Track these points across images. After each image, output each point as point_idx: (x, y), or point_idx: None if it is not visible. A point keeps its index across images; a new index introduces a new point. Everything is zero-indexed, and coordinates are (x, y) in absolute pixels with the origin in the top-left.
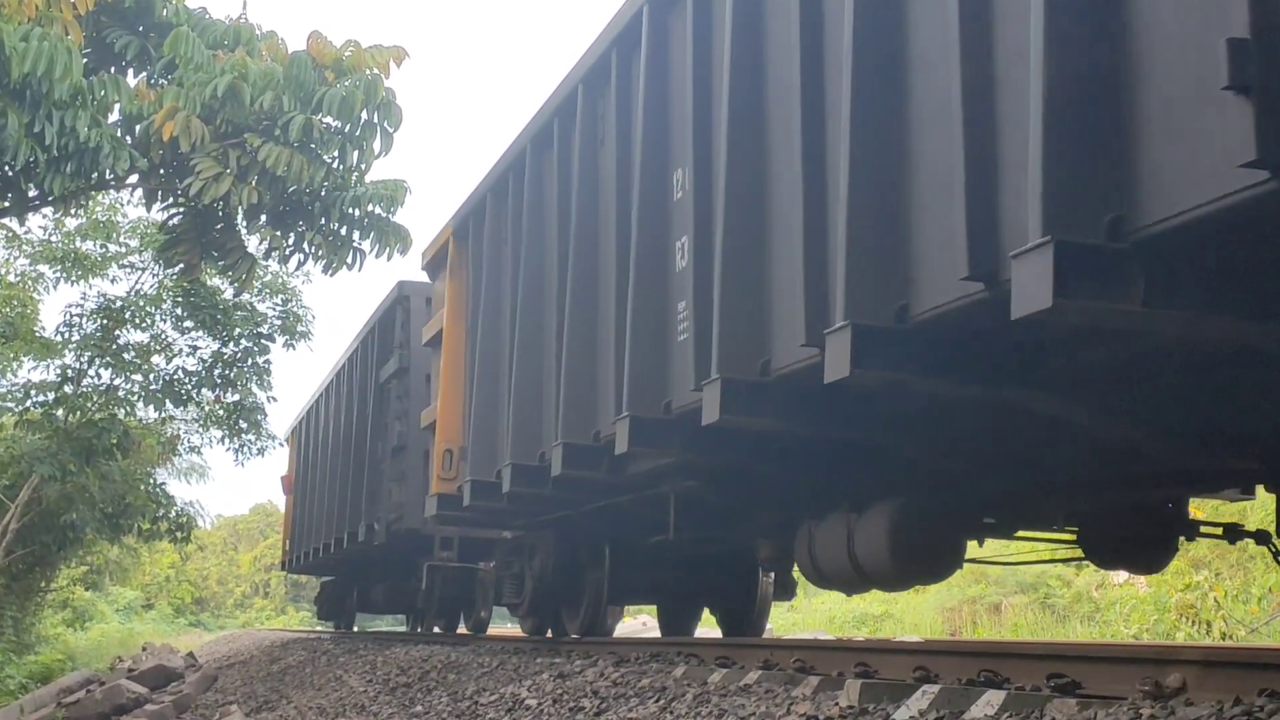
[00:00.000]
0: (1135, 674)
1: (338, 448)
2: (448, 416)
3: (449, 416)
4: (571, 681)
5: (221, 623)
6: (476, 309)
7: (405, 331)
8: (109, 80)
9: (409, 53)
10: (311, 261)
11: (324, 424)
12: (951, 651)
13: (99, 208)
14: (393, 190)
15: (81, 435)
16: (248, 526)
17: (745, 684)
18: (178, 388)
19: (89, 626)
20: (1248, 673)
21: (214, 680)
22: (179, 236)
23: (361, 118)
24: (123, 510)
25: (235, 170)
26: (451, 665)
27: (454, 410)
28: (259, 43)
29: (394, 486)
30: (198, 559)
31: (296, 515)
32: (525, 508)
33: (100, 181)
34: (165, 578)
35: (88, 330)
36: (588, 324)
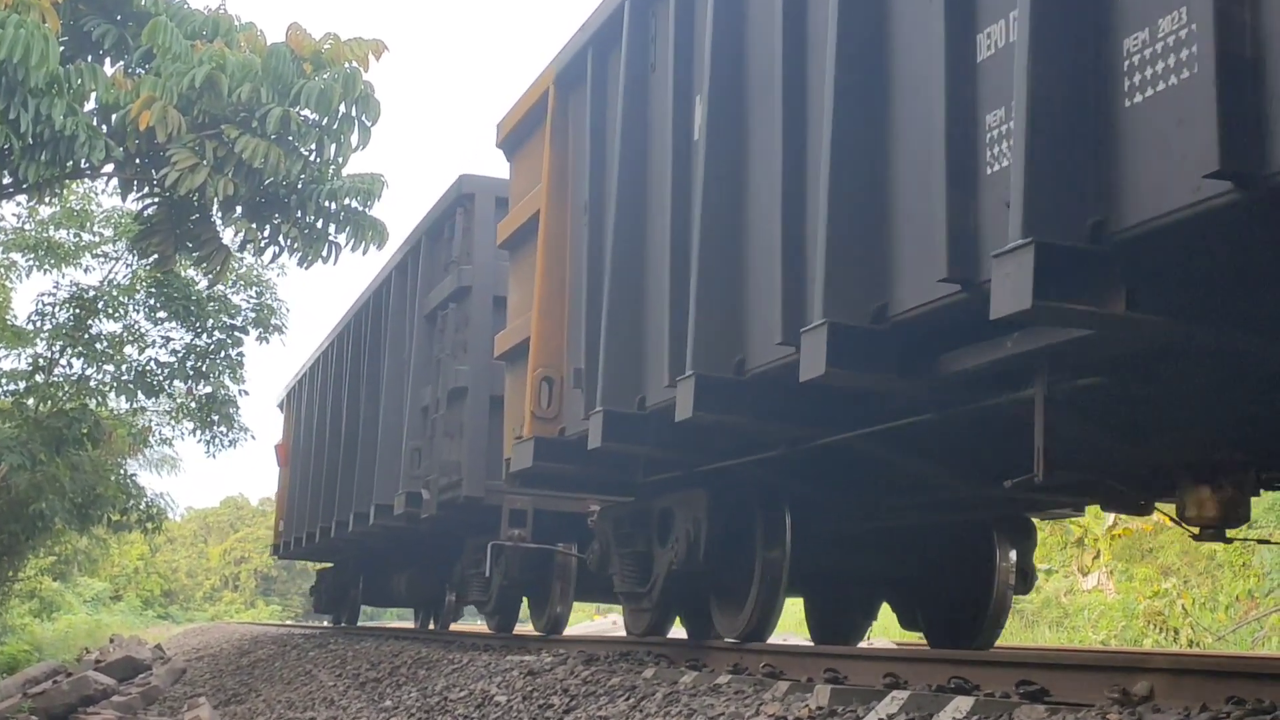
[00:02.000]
0: (1103, 681)
1: (355, 405)
2: (545, 332)
3: (547, 332)
4: (541, 679)
5: (190, 615)
6: (602, 178)
7: (467, 240)
8: (86, 69)
9: (388, 46)
10: (286, 254)
11: (334, 379)
12: (922, 658)
13: (73, 196)
14: (369, 184)
15: (52, 425)
16: (218, 519)
17: (715, 685)
18: (150, 379)
19: (56, 617)
20: (1215, 680)
21: (182, 673)
22: (154, 227)
23: (339, 111)
24: (92, 501)
25: (211, 161)
26: (421, 661)
27: (554, 322)
28: (237, 34)
29: (448, 443)
30: (167, 551)
31: (294, 492)
32: (691, 447)
33: (75, 170)
34: (134, 569)
35: (60, 319)
36: None
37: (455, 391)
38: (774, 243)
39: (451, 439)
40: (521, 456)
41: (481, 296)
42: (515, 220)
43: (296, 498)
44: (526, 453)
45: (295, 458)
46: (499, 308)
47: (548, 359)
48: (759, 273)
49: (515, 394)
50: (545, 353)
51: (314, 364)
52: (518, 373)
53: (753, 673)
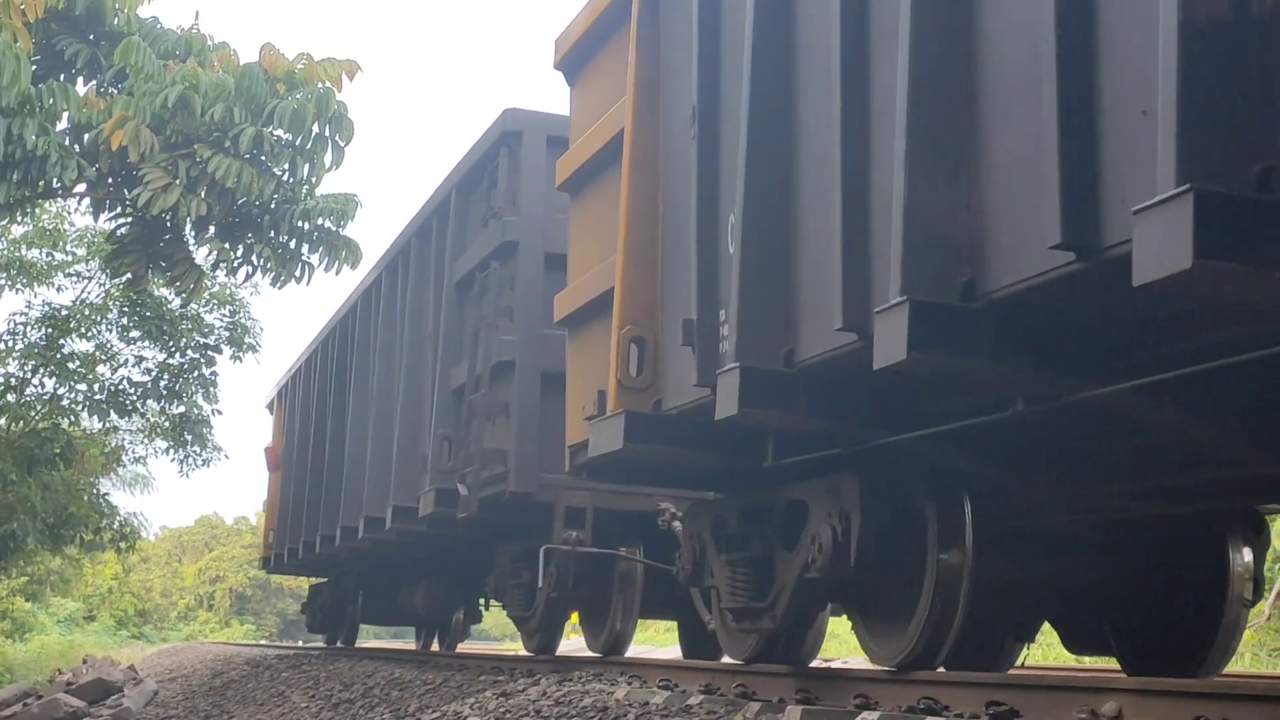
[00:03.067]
0: (1073, 702)
1: (363, 396)
2: (634, 282)
3: (636, 282)
4: (514, 700)
5: (165, 635)
6: (715, 81)
7: (513, 187)
8: (58, 88)
9: (362, 66)
10: (260, 274)
11: (336, 370)
12: (892, 680)
13: (46, 215)
14: (343, 204)
15: (24, 444)
16: (192, 538)
17: (687, 705)
18: (123, 398)
19: (28, 638)
20: (1183, 700)
21: (154, 694)
22: (126, 246)
23: (313, 131)
24: (64, 520)
25: (184, 181)
26: (395, 682)
27: (645, 269)
28: (211, 53)
29: (490, 428)
30: (141, 571)
31: (287, 499)
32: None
33: (47, 190)
34: (108, 589)
35: (32, 338)
36: None
37: (500, 367)
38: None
39: (494, 424)
40: (605, 437)
41: (530, 253)
42: (582, 153)
43: (291, 505)
44: (612, 432)
45: (288, 461)
46: (552, 267)
47: (637, 314)
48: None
49: (584, 364)
50: (634, 307)
51: (310, 356)
52: (587, 338)
53: (725, 693)
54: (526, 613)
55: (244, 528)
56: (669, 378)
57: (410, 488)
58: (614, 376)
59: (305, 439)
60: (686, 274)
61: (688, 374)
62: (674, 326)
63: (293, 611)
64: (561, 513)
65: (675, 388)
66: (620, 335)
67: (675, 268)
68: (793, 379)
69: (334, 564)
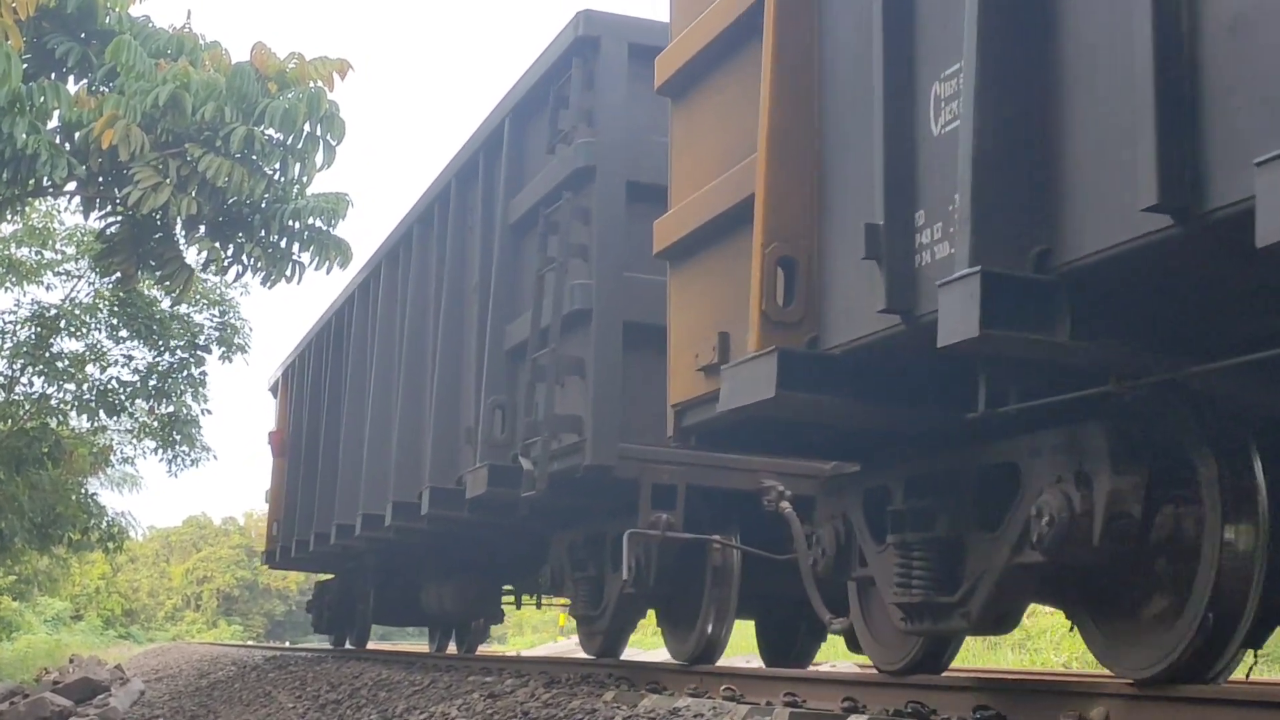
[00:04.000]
0: (1060, 706)
1: (387, 368)
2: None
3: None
4: (502, 701)
5: (152, 635)
6: None
7: (588, 103)
8: (49, 87)
9: (353, 65)
10: (250, 273)
11: (354, 343)
12: (880, 683)
13: (35, 214)
14: (334, 203)
15: (12, 444)
16: (180, 539)
17: (675, 708)
18: (111, 397)
19: (15, 637)
20: (1171, 705)
21: (141, 694)
22: (116, 245)
23: (304, 130)
24: (52, 520)
25: (175, 180)
26: (382, 683)
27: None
28: (202, 52)
29: (561, 391)
30: (129, 570)
31: (293, 487)
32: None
33: (37, 188)
34: (95, 589)
35: (21, 337)
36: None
37: (572, 318)
38: None
39: (565, 386)
40: (744, 385)
41: (610, 181)
42: (691, 44)
43: (299, 494)
44: (757, 378)
45: (295, 446)
46: (636, 198)
47: (786, 228)
48: None
49: (696, 302)
50: (782, 219)
51: (321, 330)
52: (702, 269)
53: (712, 696)
54: (594, 610)
55: (232, 528)
56: (832, 306)
57: (449, 467)
58: (756, 308)
59: (315, 421)
60: (864, 167)
61: (865, 298)
62: (837, 240)
63: (280, 612)
64: (648, 491)
65: (842, 318)
66: (764, 255)
67: (842, 163)
68: (1051, 289)
69: (348, 558)
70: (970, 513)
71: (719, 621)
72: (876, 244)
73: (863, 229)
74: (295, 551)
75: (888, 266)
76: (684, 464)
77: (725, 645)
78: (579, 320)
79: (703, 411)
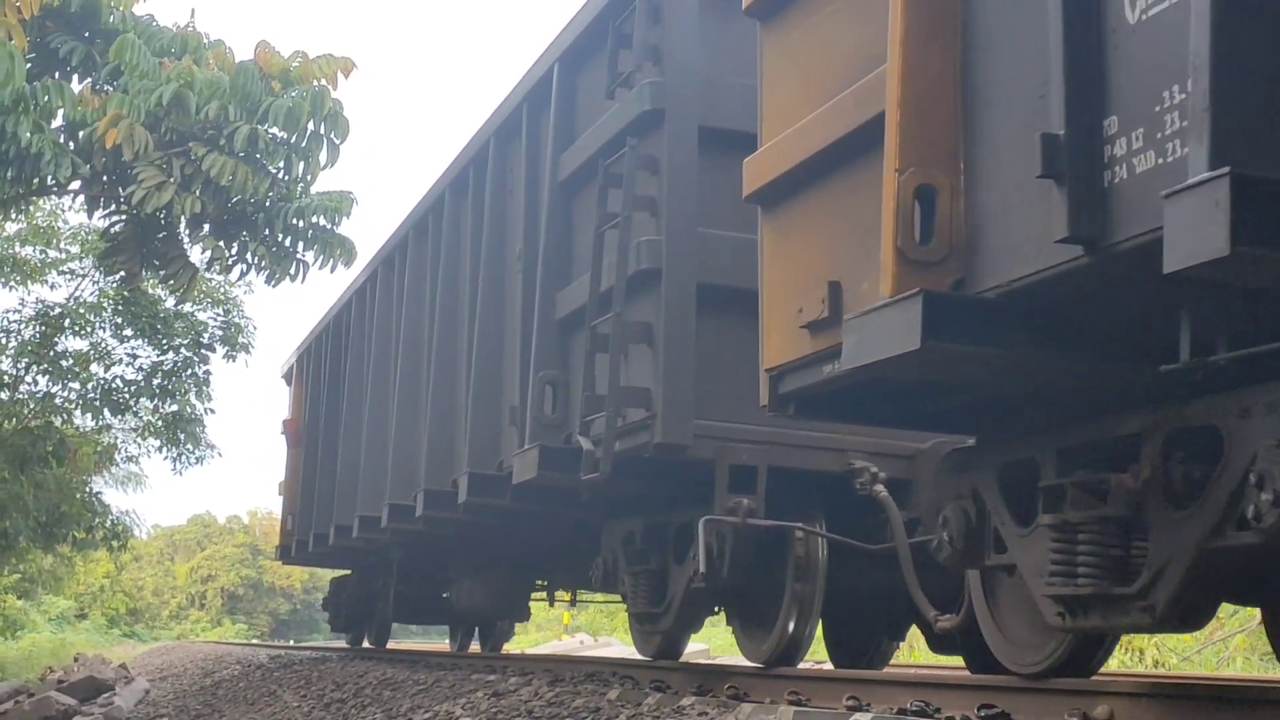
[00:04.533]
0: (1065, 704)
1: (414, 346)
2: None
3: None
4: (506, 700)
5: (156, 634)
6: None
7: (654, 39)
8: (53, 86)
9: (357, 64)
10: (254, 272)
11: (375, 323)
12: (884, 681)
13: (39, 213)
14: (338, 202)
15: (16, 443)
16: (185, 537)
17: (679, 707)
18: (116, 396)
19: (20, 636)
20: (1175, 703)
21: (146, 693)
22: (120, 244)
23: (308, 129)
24: (57, 519)
25: (179, 179)
26: (386, 682)
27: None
28: (206, 51)
29: (625, 362)
30: (133, 569)
31: (310, 478)
32: None
33: (41, 187)
34: (100, 588)
35: (25, 336)
36: None
37: (639, 279)
38: None
39: (629, 356)
40: (878, 336)
41: (681, 125)
42: None
43: (317, 485)
44: (898, 326)
45: (312, 435)
46: (710, 145)
47: (924, 151)
48: None
49: (800, 248)
50: (919, 141)
51: (340, 311)
52: (809, 209)
53: (717, 694)
54: (656, 607)
55: (236, 527)
56: (986, 241)
57: (489, 452)
58: (890, 245)
59: (335, 407)
60: (1031, 70)
61: (1034, 227)
62: (991, 160)
63: (285, 611)
64: (725, 473)
65: (999, 255)
66: (899, 184)
67: (998, 67)
68: None
69: (370, 553)
70: (1154, 487)
71: (802, 619)
72: (1056, 158)
73: (1028, 144)
74: (313, 546)
75: (1070, 185)
76: (765, 443)
77: (809, 646)
78: (646, 281)
79: (806, 375)
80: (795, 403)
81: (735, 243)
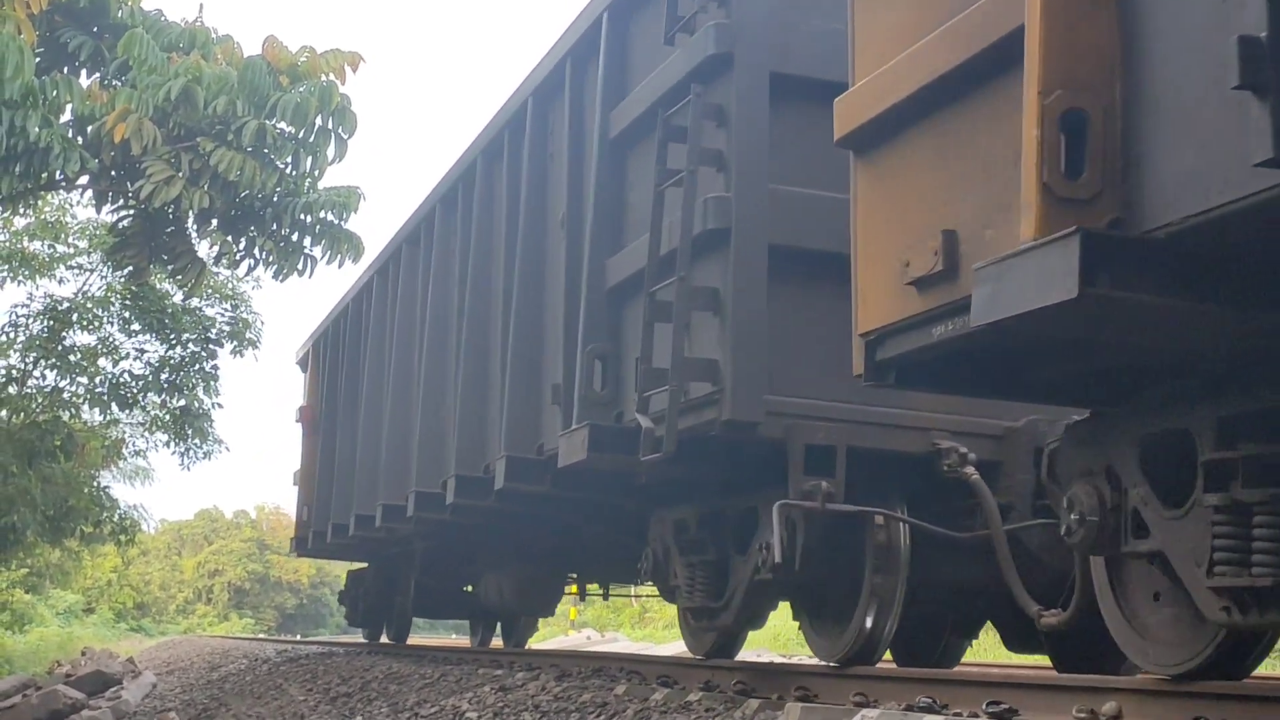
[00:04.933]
0: (1072, 702)
1: (441, 323)
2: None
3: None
4: (513, 695)
5: (163, 628)
6: None
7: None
8: (61, 81)
9: (365, 58)
10: (262, 267)
11: (398, 302)
12: (891, 678)
13: (48, 208)
14: (346, 197)
15: (24, 437)
16: (192, 532)
17: (686, 702)
18: (123, 391)
19: (28, 629)
20: (1182, 700)
21: (153, 687)
22: (128, 239)
23: (316, 124)
24: (64, 513)
25: (187, 174)
26: (393, 676)
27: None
28: (214, 46)
29: (688, 332)
30: (140, 564)
31: (327, 466)
32: None
33: (50, 182)
34: (107, 582)
35: (34, 331)
36: None
37: (705, 240)
38: None
39: (693, 325)
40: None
41: (752, 73)
42: None
43: (336, 474)
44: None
45: (330, 421)
46: (783, 95)
47: (1076, 70)
48: None
49: (900, 197)
50: (1069, 57)
51: (360, 293)
52: (912, 152)
53: (724, 690)
54: (715, 601)
55: (243, 521)
56: (1152, 172)
57: (528, 434)
58: (1033, 180)
59: (354, 392)
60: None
61: (1219, 152)
62: (1159, 77)
63: (291, 606)
64: (801, 453)
65: (1169, 187)
66: (1044, 110)
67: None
68: None
69: (392, 544)
70: None
71: (882, 614)
72: (1256, 65)
73: (1213, 51)
74: (331, 536)
75: (1275, 98)
76: (844, 421)
77: (887, 643)
78: (713, 242)
79: (911, 338)
80: (896, 370)
81: (810, 201)
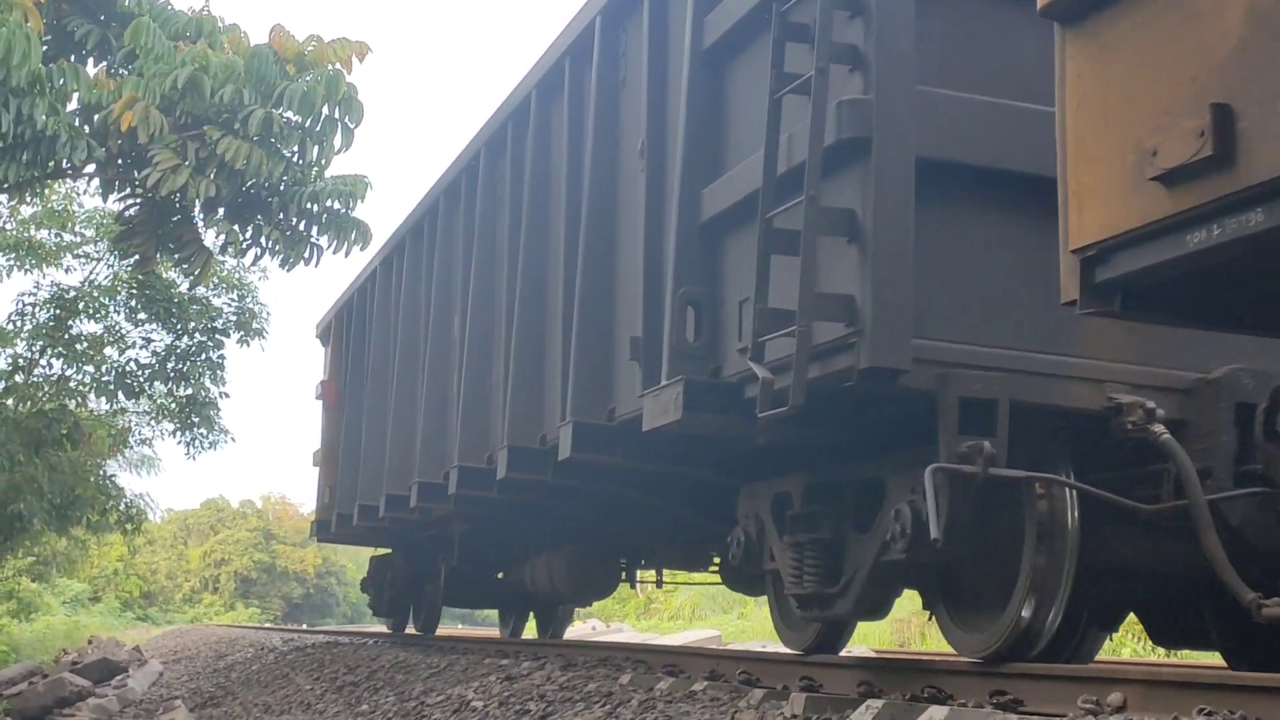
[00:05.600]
0: (1077, 692)
1: (488, 278)
2: None
3: None
4: (519, 684)
5: (169, 617)
6: None
7: None
8: (68, 69)
9: (371, 48)
10: (268, 256)
11: (436, 260)
12: (896, 667)
13: (55, 196)
14: (352, 186)
15: (31, 425)
16: (198, 521)
17: (691, 692)
18: (130, 380)
19: (34, 618)
20: (1188, 692)
21: (159, 675)
22: (135, 228)
23: (322, 113)
24: (71, 502)
25: (193, 163)
26: (399, 665)
27: None
28: (221, 35)
29: (815, 265)
30: (146, 553)
31: (354, 445)
32: None
33: (57, 170)
34: (113, 571)
35: (40, 319)
36: None
37: (839, 152)
38: None
39: (823, 257)
40: None
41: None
42: None
43: (363, 452)
44: None
45: (356, 396)
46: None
47: None
48: None
49: (1134, 73)
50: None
51: (388, 257)
52: (1151, 13)
53: (729, 679)
54: (829, 586)
55: (250, 511)
56: None
57: (598, 398)
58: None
59: (383, 364)
60: None
61: None
62: None
63: (298, 595)
64: (955, 407)
65: None
66: None
67: None
68: None
69: (428, 526)
70: None
71: (1045, 602)
72: None
73: None
74: (358, 519)
75: None
76: (1007, 370)
77: (1049, 636)
78: (848, 155)
79: (1154, 250)
80: (1124, 293)
81: (967, 105)
